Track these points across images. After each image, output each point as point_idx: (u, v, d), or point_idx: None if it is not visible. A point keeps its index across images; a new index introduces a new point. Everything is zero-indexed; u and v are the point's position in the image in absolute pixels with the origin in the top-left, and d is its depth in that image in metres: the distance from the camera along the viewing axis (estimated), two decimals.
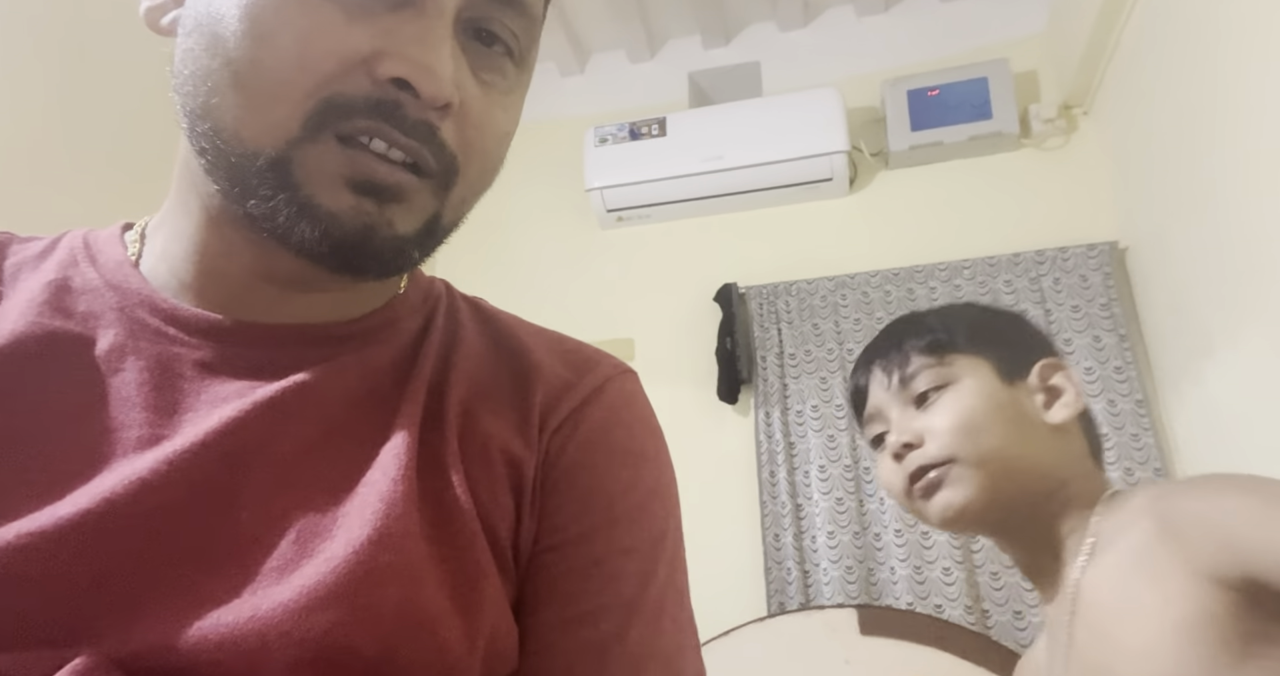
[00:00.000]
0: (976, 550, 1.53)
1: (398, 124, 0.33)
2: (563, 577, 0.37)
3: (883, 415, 0.71)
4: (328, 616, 0.31)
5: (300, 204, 0.33)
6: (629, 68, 2.15)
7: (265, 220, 0.34)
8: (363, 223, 0.34)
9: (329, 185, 0.33)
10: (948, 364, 0.68)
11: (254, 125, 0.33)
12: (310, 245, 0.34)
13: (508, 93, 0.38)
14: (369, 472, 0.35)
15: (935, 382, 0.67)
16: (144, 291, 0.38)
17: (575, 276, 1.99)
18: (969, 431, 0.64)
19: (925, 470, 0.65)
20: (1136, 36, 1.50)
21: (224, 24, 0.33)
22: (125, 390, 0.36)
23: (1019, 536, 0.67)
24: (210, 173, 0.35)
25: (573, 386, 0.42)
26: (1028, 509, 0.64)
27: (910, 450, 0.66)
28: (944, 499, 0.64)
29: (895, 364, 0.70)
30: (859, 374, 0.74)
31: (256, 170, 0.33)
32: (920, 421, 0.67)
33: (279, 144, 0.33)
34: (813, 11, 2.03)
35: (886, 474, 0.69)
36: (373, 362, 0.40)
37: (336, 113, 0.33)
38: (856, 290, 1.75)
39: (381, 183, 0.34)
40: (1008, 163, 1.82)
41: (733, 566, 1.66)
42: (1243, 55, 1.14)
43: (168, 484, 0.33)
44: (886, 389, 0.70)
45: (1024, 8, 1.89)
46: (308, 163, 0.33)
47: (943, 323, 0.71)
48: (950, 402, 0.66)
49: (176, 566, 0.32)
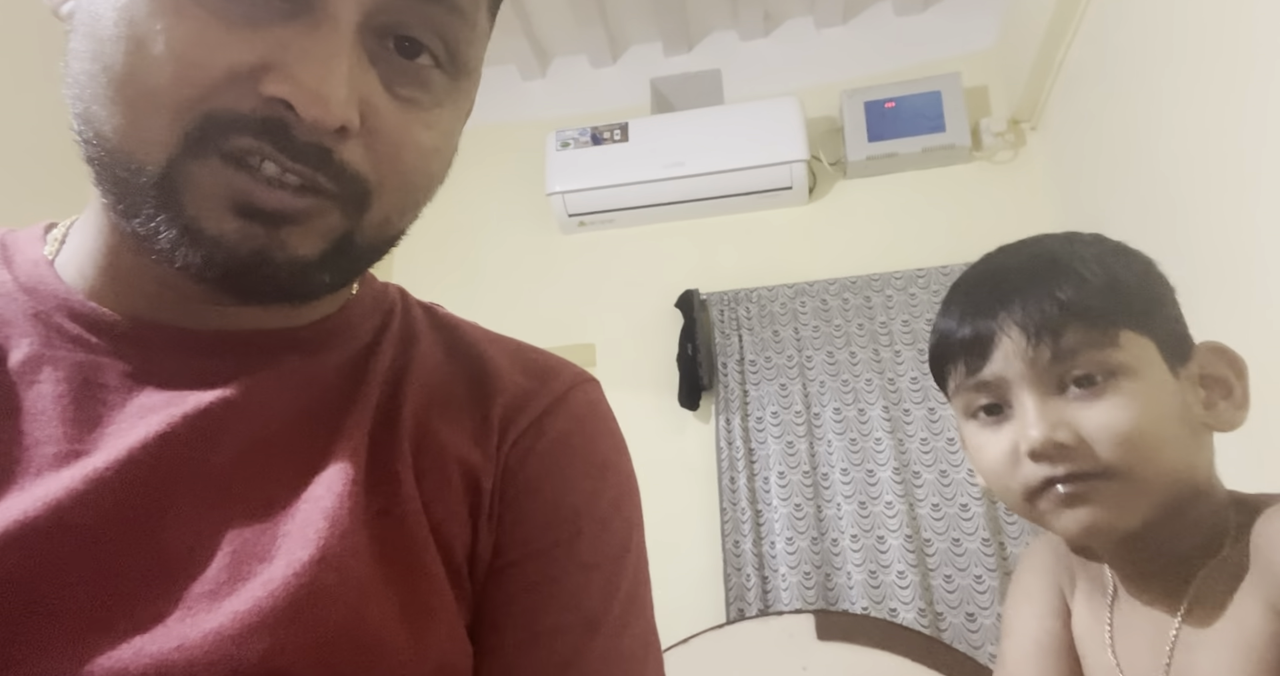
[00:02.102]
0: (930, 554, 1.55)
1: (284, 147, 0.30)
2: (522, 594, 0.36)
3: (1010, 389, 0.53)
4: (264, 643, 0.29)
5: (182, 227, 0.30)
6: (591, 72, 2.14)
7: (148, 241, 0.31)
8: (251, 247, 0.31)
9: (212, 208, 0.30)
10: (1118, 344, 0.51)
11: (133, 138, 0.30)
12: (196, 271, 0.31)
13: (433, 107, 0.34)
14: (311, 488, 0.33)
15: (1100, 369, 0.51)
16: (61, 295, 0.35)
17: (536, 281, 1.97)
18: (1145, 444, 0.50)
19: (1074, 478, 0.51)
20: (1081, 56, 1.55)
21: (102, 26, 0.30)
22: (40, 403, 0.33)
23: (1138, 548, 0.54)
24: (98, 183, 0.32)
25: (534, 395, 0.40)
26: (1161, 524, 0.52)
27: (1063, 452, 0.51)
28: (1090, 518, 0.51)
29: (1046, 329, 0.52)
30: (978, 319, 0.55)
31: (140, 187, 0.30)
32: (1076, 415, 0.51)
33: (160, 161, 0.30)
34: (773, 22, 2.06)
35: (998, 464, 0.54)
36: (318, 371, 0.37)
37: (218, 129, 0.30)
38: (815, 297, 1.77)
39: (266, 209, 0.31)
40: (960, 174, 1.86)
41: (692, 573, 1.66)
42: (1183, 77, 1.19)
43: (86, 504, 0.30)
44: (1026, 360, 0.52)
45: (976, 24, 1.94)
46: (190, 182, 0.30)
47: (1106, 277, 0.53)
48: (1124, 402, 0.50)
49: (95, 593, 0.29)
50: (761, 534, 1.63)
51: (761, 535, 1.62)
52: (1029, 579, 0.65)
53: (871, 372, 1.68)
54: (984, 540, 1.52)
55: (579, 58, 2.14)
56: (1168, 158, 1.26)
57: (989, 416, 0.55)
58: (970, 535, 1.54)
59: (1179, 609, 0.52)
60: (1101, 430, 0.50)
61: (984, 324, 0.54)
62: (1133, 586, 0.56)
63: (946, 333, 0.57)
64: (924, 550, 1.55)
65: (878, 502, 1.60)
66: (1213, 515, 0.52)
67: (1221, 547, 0.51)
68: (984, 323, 0.54)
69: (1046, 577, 0.63)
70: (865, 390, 1.68)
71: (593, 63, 2.12)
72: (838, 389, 1.69)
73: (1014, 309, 0.53)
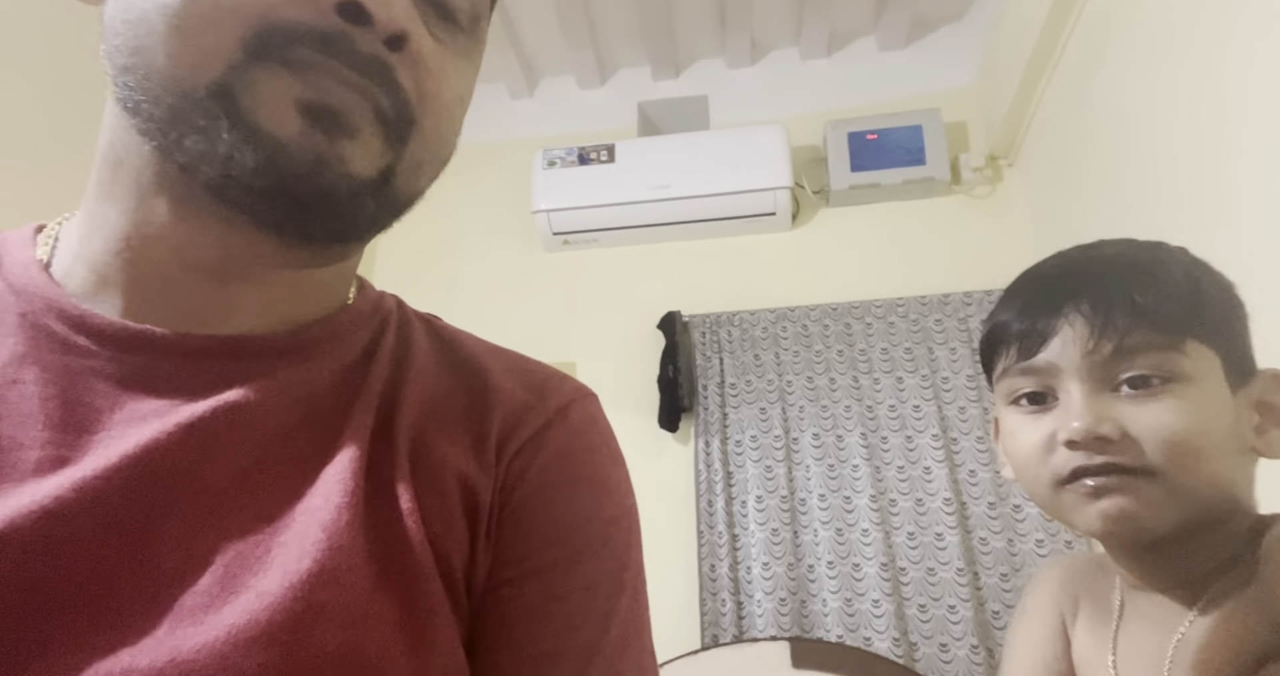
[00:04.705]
0: (906, 583, 1.55)
1: (348, 59, 0.30)
2: (520, 616, 0.35)
3: (1060, 378, 0.53)
4: (258, 659, 0.28)
5: (244, 128, 0.30)
6: (579, 93, 2.16)
7: (204, 158, 0.30)
8: (313, 154, 0.31)
9: (275, 105, 0.30)
10: (1183, 352, 0.51)
11: (190, 54, 0.30)
12: (250, 178, 0.30)
13: (459, 58, 0.36)
14: (308, 499, 0.32)
15: (1158, 372, 0.50)
16: (51, 295, 0.34)
17: (519, 298, 1.96)
18: (1191, 453, 0.49)
19: (1109, 469, 0.50)
20: (1057, 97, 1.61)
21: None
22: (24, 406, 0.31)
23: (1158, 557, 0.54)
24: (144, 130, 0.31)
25: (533, 409, 0.39)
26: (1197, 535, 0.52)
27: (1102, 445, 0.50)
28: (1117, 508, 0.50)
29: (1113, 325, 0.51)
30: (1039, 310, 0.54)
31: (196, 102, 0.30)
32: (1125, 413, 0.50)
33: (218, 70, 0.30)
34: (759, 51, 2.10)
35: (1032, 450, 0.53)
36: (315, 379, 0.36)
37: (280, 38, 0.30)
38: (796, 323, 1.78)
39: (335, 106, 0.31)
40: (939, 207, 1.90)
41: (668, 598, 1.64)
42: (1157, 120, 1.23)
43: (75, 512, 0.29)
44: (1086, 352, 0.51)
45: (956, 61, 2.00)
46: (252, 86, 0.30)
47: (1189, 285, 0.52)
48: (1178, 407, 0.50)
49: (82, 605, 0.28)
50: (738, 558, 1.61)
51: (738, 559, 1.61)
52: (1032, 602, 0.65)
53: (850, 399, 1.69)
54: (958, 570, 1.53)
55: (568, 78, 2.16)
56: (1140, 199, 1.30)
57: (1031, 404, 0.55)
58: (945, 565, 1.54)
59: (1182, 627, 0.52)
60: (1151, 430, 0.50)
61: (1049, 310, 0.54)
62: (1144, 601, 0.56)
63: (1006, 318, 0.56)
64: (899, 579, 1.55)
65: (854, 530, 1.60)
66: (1236, 537, 0.52)
67: (1234, 567, 0.51)
68: (1049, 309, 0.54)
69: (1049, 604, 0.64)
70: (844, 417, 1.69)
71: (581, 84, 2.14)
72: (816, 414, 1.69)
73: (1083, 301, 0.53)
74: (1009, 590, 1.52)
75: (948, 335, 1.72)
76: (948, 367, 1.69)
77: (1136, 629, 0.57)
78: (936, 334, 1.72)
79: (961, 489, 1.60)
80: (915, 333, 1.73)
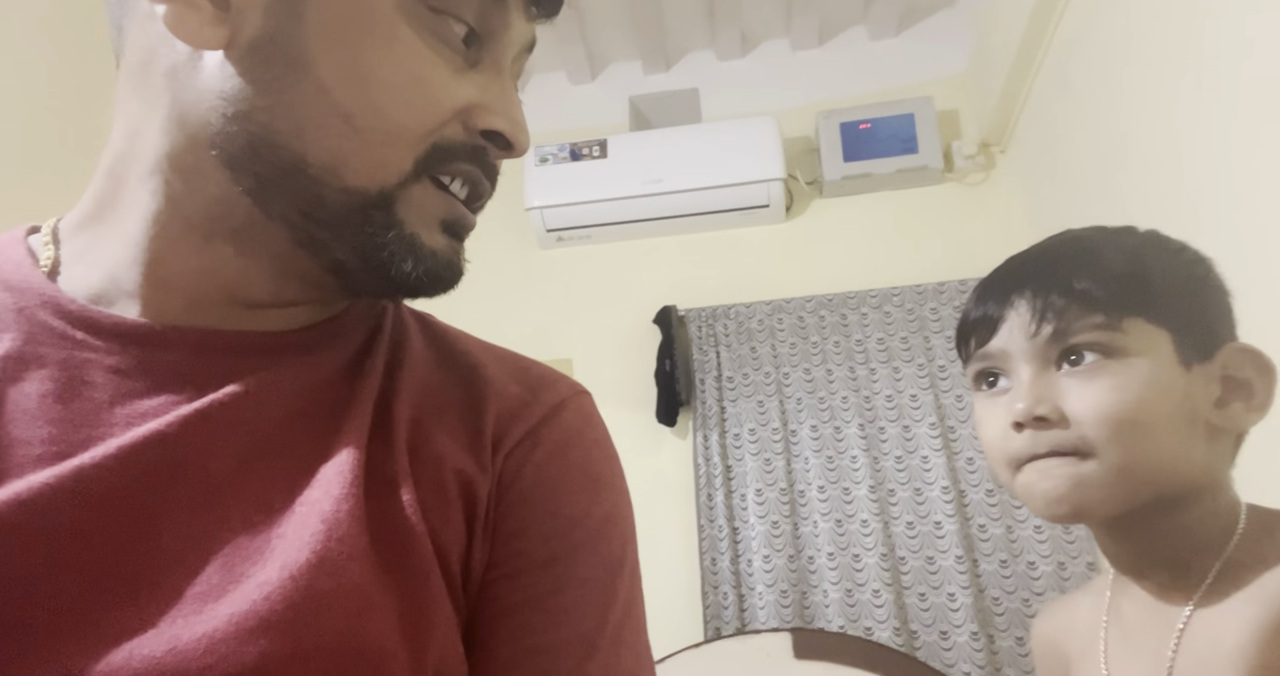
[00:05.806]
0: (905, 572, 1.56)
1: (486, 170, 0.38)
2: (517, 609, 0.35)
3: (1009, 362, 0.55)
4: (259, 647, 0.28)
5: (407, 241, 0.36)
6: (570, 89, 2.15)
7: (366, 254, 0.35)
8: (451, 258, 0.38)
9: (427, 225, 0.36)
10: (1122, 330, 0.51)
11: (366, 163, 0.34)
12: (402, 278, 0.36)
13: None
14: (308, 491, 0.33)
15: (1093, 348, 0.52)
16: (47, 292, 0.35)
17: (514, 295, 1.96)
18: (1127, 429, 0.50)
19: (1051, 453, 0.51)
20: (1048, 84, 1.60)
21: (321, 66, 0.33)
22: (24, 402, 0.32)
23: (1129, 536, 0.54)
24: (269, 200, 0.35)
25: (528, 405, 0.40)
26: (1154, 516, 0.52)
27: (1042, 426, 0.52)
28: (1057, 491, 0.51)
29: (1052, 308, 0.53)
30: (991, 299, 0.57)
31: (356, 206, 0.34)
32: (1063, 392, 0.52)
33: (389, 182, 0.35)
34: (750, 43, 2.09)
35: (995, 436, 0.55)
36: (314, 374, 0.37)
37: (441, 156, 0.36)
38: (792, 314, 1.78)
39: (467, 225, 0.39)
40: (932, 196, 1.90)
41: (670, 591, 1.64)
42: (1146, 105, 1.23)
43: (74, 503, 0.29)
44: (1029, 336, 0.53)
45: (947, 49, 2.00)
46: (409, 202, 0.36)
47: (1128, 265, 0.54)
48: (1113, 385, 0.50)
49: (83, 595, 0.28)
50: (739, 551, 1.62)
51: (739, 552, 1.62)
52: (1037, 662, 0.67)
53: (847, 390, 1.70)
54: (957, 558, 1.53)
55: (558, 74, 2.15)
56: (1129, 184, 1.30)
57: (990, 388, 0.57)
58: (944, 553, 1.55)
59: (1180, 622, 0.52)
60: (1089, 409, 0.51)
61: (996, 304, 0.57)
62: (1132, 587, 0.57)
63: (968, 308, 0.60)
64: (899, 568, 1.56)
65: (853, 520, 1.60)
66: (1217, 516, 0.52)
67: (1225, 549, 0.51)
68: (1000, 297, 0.57)
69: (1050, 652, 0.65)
70: (841, 408, 1.69)
71: (572, 80, 2.13)
72: (814, 406, 1.70)
73: (1026, 288, 0.55)
74: (1008, 576, 1.52)
75: (943, 323, 1.72)
76: (944, 356, 1.69)
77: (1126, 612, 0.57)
78: (932, 322, 1.73)
79: (959, 477, 1.61)
80: (911, 322, 1.73)
